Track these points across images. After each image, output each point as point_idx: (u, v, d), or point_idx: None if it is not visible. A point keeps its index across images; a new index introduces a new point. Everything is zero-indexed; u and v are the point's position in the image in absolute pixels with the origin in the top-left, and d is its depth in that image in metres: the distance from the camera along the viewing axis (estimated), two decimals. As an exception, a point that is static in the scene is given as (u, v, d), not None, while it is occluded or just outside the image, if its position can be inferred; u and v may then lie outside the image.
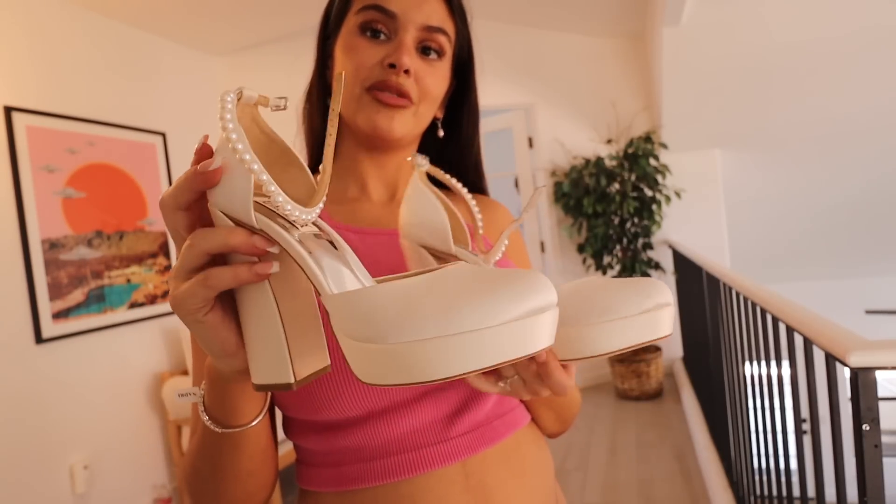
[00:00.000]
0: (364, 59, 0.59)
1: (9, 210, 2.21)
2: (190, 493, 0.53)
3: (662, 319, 0.43)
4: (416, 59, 0.60)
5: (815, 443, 1.26)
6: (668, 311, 0.43)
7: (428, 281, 0.33)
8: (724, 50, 2.90)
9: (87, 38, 2.63)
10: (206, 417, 0.46)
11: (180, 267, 0.35)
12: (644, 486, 2.52)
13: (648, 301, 0.43)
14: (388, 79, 0.58)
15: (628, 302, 0.43)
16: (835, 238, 4.45)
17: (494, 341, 0.30)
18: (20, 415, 2.18)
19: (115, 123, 2.68)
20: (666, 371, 3.88)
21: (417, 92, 0.61)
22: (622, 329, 0.42)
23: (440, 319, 0.29)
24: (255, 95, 0.37)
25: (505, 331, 0.30)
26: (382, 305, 0.31)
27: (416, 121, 0.62)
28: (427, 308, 0.30)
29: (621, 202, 3.53)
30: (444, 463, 0.54)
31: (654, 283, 0.44)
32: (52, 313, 2.30)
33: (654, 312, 0.42)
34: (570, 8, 3.47)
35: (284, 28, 3.37)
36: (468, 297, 0.31)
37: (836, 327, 1.07)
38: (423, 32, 0.60)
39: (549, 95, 3.91)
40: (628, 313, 0.42)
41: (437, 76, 0.62)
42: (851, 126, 3.47)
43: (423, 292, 0.32)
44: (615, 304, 0.43)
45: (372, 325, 0.31)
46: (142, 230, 2.76)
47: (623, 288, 0.44)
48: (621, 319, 0.42)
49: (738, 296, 1.85)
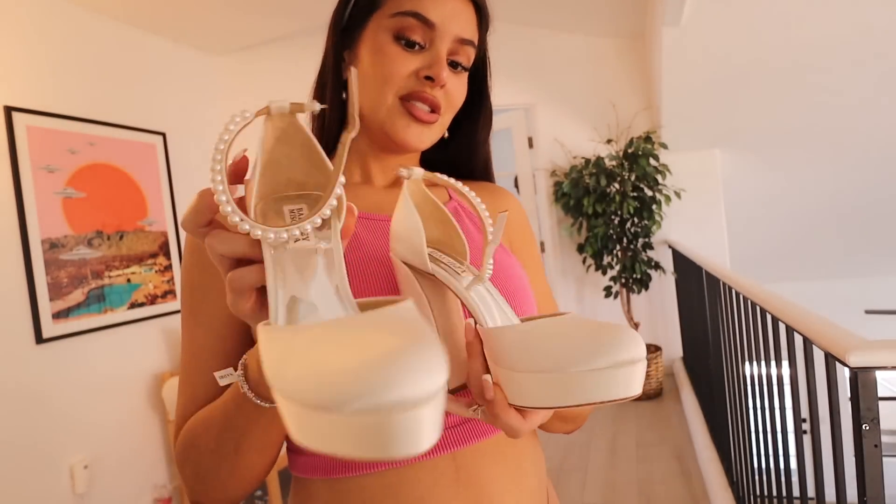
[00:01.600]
0: (399, 69, 0.59)
1: (9, 210, 2.21)
2: (194, 470, 0.53)
3: (619, 378, 0.37)
4: (448, 71, 0.61)
5: (815, 443, 1.26)
6: (630, 369, 0.37)
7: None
8: (724, 50, 2.90)
9: (87, 38, 2.63)
10: (251, 394, 0.46)
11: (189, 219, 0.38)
12: (644, 486, 2.52)
13: (603, 358, 0.37)
14: (424, 91, 0.59)
15: (577, 355, 0.37)
16: (835, 238, 4.45)
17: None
18: (20, 415, 2.18)
19: (115, 123, 2.68)
20: (666, 371, 3.89)
21: (446, 104, 0.62)
22: (562, 385, 0.37)
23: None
24: (288, 105, 0.38)
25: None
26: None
27: (438, 131, 0.64)
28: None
29: (621, 202, 3.53)
30: (433, 454, 0.54)
31: (621, 336, 0.38)
32: (52, 313, 2.30)
33: (610, 371, 0.36)
34: (571, 8, 3.47)
35: (284, 28, 3.37)
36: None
37: (836, 327, 1.07)
38: (456, 44, 0.61)
39: (549, 95, 3.91)
40: (575, 369, 0.37)
41: (462, 88, 0.64)
42: (851, 126, 3.47)
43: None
44: (563, 354, 0.37)
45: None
46: (142, 230, 2.76)
47: (581, 338, 0.38)
48: (560, 374, 0.37)
49: (737, 296, 1.85)
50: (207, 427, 0.52)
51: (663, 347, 3.84)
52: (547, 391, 0.37)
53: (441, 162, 0.73)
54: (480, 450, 0.56)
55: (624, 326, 0.39)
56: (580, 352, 0.37)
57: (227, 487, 0.53)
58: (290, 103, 0.38)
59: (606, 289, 3.73)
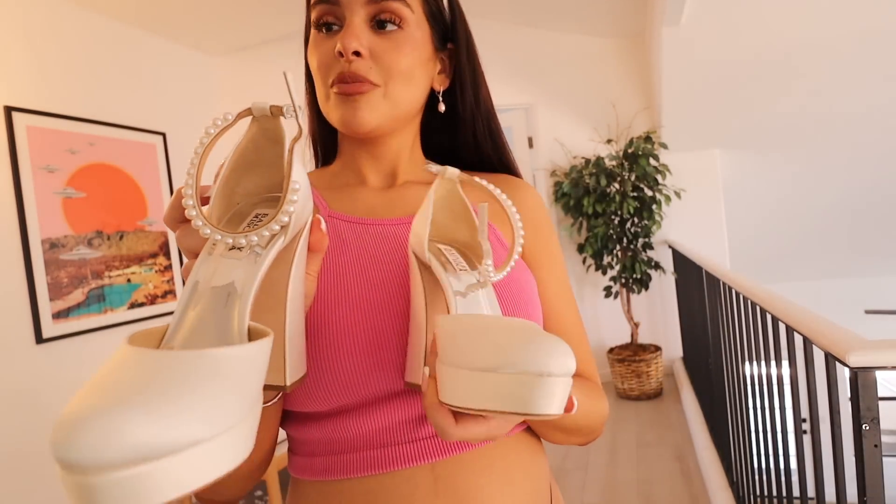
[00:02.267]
0: (322, 56, 0.57)
1: (9, 210, 2.21)
2: None
3: (536, 391, 0.33)
4: (368, 37, 0.56)
5: (815, 443, 1.26)
6: (552, 382, 0.33)
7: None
8: (724, 50, 2.90)
9: (87, 38, 2.63)
10: None
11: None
12: (644, 486, 2.52)
13: (531, 364, 0.33)
14: (343, 69, 0.55)
15: (505, 357, 0.34)
16: (835, 238, 4.45)
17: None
18: (20, 414, 2.18)
19: (115, 123, 2.68)
20: (666, 371, 3.89)
21: (379, 72, 0.56)
22: (483, 385, 0.34)
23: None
24: (267, 106, 0.38)
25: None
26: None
27: (389, 104, 0.57)
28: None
29: (621, 202, 3.53)
30: (411, 463, 0.53)
31: (555, 346, 0.35)
32: (52, 313, 2.30)
33: (532, 378, 0.33)
34: (571, 8, 3.47)
35: (284, 28, 3.37)
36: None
37: (836, 327, 1.07)
38: (371, 6, 0.56)
39: (549, 95, 3.91)
40: (501, 371, 0.34)
41: (400, 49, 0.57)
42: (852, 126, 3.47)
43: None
44: (490, 353, 0.35)
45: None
46: (142, 230, 2.76)
47: (516, 339, 0.36)
48: (483, 374, 0.34)
49: (737, 296, 1.85)
50: None
51: (663, 347, 3.84)
52: (469, 390, 0.35)
53: (448, 151, 0.70)
54: (462, 461, 0.54)
55: (560, 340, 0.36)
56: (516, 356, 0.34)
57: (220, 483, 0.53)
58: (270, 105, 0.38)
59: (606, 289, 3.73)
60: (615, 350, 3.72)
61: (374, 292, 0.54)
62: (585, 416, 0.60)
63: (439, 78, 0.64)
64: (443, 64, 0.65)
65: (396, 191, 0.64)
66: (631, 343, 3.75)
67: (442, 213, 0.51)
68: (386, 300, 0.54)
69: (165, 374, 0.27)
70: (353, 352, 0.51)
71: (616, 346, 3.81)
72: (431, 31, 0.61)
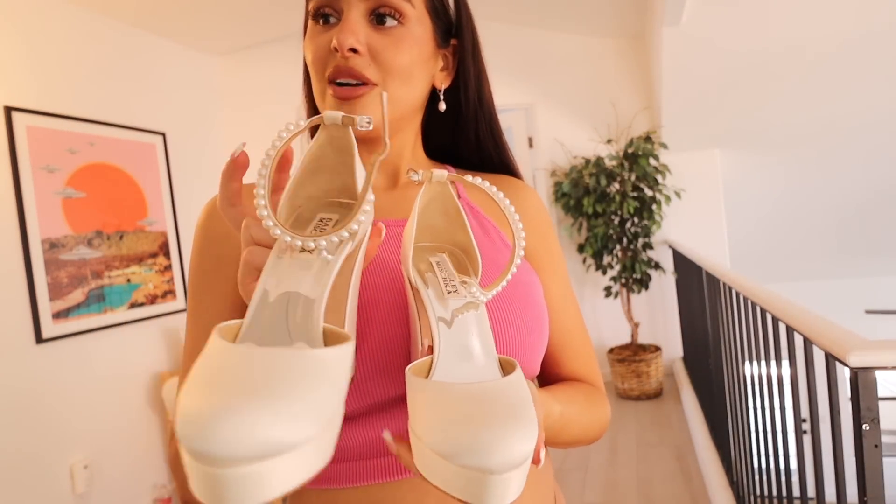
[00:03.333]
0: (317, 49, 0.55)
1: (9, 210, 2.21)
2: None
3: (485, 488, 0.32)
4: (367, 33, 0.53)
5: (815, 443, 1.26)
6: (496, 482, 0.32)
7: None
8: (724, 50, 2.90)
9: (87, 38, 2.63)
10: None
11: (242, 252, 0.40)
12: (644, 485, 2.52)
13: (470, 457, 0.32)
14: (339, 64, 0.53)
15: (465, 445, 0.32)
16: (835, 238, 4.45)
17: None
18: (20, 415, 2.18)
19: (115, 123, 2.68)
20: (666, 371, 3.89)
21: (377, 70, 0.54)
22: (447, 473, 0.33)
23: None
24: (340, 116, 0.40)
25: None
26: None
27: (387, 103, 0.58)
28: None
29: (621, 202, 3.53)
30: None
31: (501, 434, 0.33)
32: (52, 313, 2.30)
33: (476, 475, 0.32)
34: (571, 8, 3.47)
35: (284, 28, 3.37)
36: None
37: (836, 327, 1.07)
38: (371, 1, 0.53)
39: (549, 95, 3.91)
40: (445, 454, 0.32)
41: (399, 46, 0.54)
42: (851, 126, 3.47)
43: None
44: (454, 439, 0.33)
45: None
46: (142, 230, 2.76)
47: (478, 423, 0.34)
48: (447, 462, 0.33)
49: (737, 296, 1.85)
50: None
51: (663, 347, 3.84)
52: (430, 468, 0.34)
53: (449, 150, 0.69)
54: None
55: (525, 419, 0.34)
56: (471, 444, 0.32)
57: None
58: (342, 115, 0.40)
59: (606, 289, 3.73)
60: (615, 350, 3.72)
61: (382, 295, 0.53)
62: (584, 430, 0.59)
63: (441, 75, 0.62)
64: (445, 61, 0.62)
65: (399, 191, 0.63)
66: (631, 343, 3.75)
67: (435, 217, 0.50)
68: (393, 303, 0.53)
69: (283, 373, 0.29)
70: (361, 356, 0.50)
71: (616, 346, 3.81)
72: (433, 27, 0.59)
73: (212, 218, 0.58)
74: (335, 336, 0.35)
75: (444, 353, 0.42)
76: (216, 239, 0.57)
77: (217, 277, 0.56)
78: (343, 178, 0.42)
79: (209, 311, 0.56)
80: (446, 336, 0.42)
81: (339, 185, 0.42)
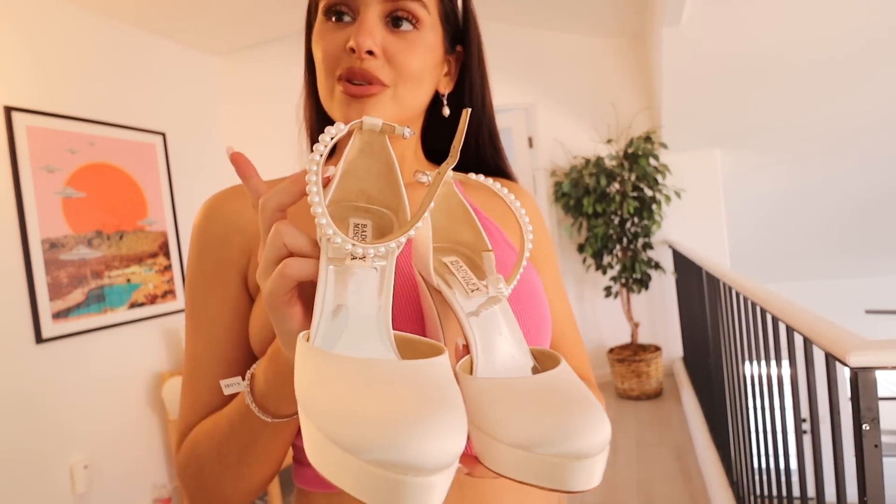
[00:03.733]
0: (330, 46, 0.55)
1: (9, 210, 2.21)
2: (196, 479, 0.53)
3: (582, 471, 0.33)
4: (383, 35, 0.54)
5: (815, 443, 1.26)
6: (593, 462, 0.33)
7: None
8: (724, 50, 2.90)
9: (86, 38, 2.63)
10: (255, 407, 0.47)
11: (265, 259, 0.38)
12: (644, 486, 2.52)
13: (569, 445, 0.33)
14: (353, 65, 0.53)
15: (546, 435, 0.33)
16: (835, 238, 4.45)
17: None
18: (20, 415, 2.18)
19: (115, 123, 2.68)
20: (666, 371, 3.89)
21: (391, 72, 0.54)
22: (527, 463, 0.34)
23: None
24: (380, 123, 0.40)
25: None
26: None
27: (396, 105, 0.56)
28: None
29: (621, 202, 3.53)
30: None
31: (592, 420, 0.34)
32: (52, 313, 2.30)
33: (573, 462, 0.33)
34: (571, 8, 3.47)
35: (284, 28, 3.37)
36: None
37: (836, 327, 1.07)
38: (388, 3, 0.54)
39: (549, 95, 3.91)
40: (541, 451, 0.33)
41: (414, 50, 0.55)
42: (852, 126, 3.47)
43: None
44: (531, 430, 0.34)
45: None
46: (142, 230, 2.76)
47: (554, 413, 0.35)
48: (526, 453, 0.33)
49: (738, 296, 1.85)
50: (210, 436, 0.52)
51: (663, 347, 3.84)
52: (504, 462, 0.35)
53: (444, 153, 0.70)
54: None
55: (595, 407, 0.36)
56: (550, 433, 0.33)
57: (228, 498, 0.53)
58: (382, 122, 0.40)
59: (606, 289, 3.73)
60: (615, 350, 3.73)
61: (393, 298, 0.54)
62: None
63: (445, 80, 0.63)
64: (449, 66, 0.63)
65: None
66: (631, 343, 3.75)
67: (440, 217, 0.50)
68: (403, 306, 0.53)
69: (444, 385, 0.31)
70: None
71: (616, 346, 3.81)
72: (443, 34, 0.59)
73: (210, 220, 0.57)
74: (402, 341, 0.38)
75: (481, 349, 0.43)
76: (215, 241, 0.57)
77: (218, 281, 0.56)
78: (369, 183, 0.42)
79: (211, 315, 0.56)
80: (480, 333, 0.43)
81: (364, 189, 0.43)
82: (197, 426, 0.54)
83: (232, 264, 0.56)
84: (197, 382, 0.56)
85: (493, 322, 0.44)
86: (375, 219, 0.43)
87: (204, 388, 0.55)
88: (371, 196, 0.43)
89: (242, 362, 0.56)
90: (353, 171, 0.42)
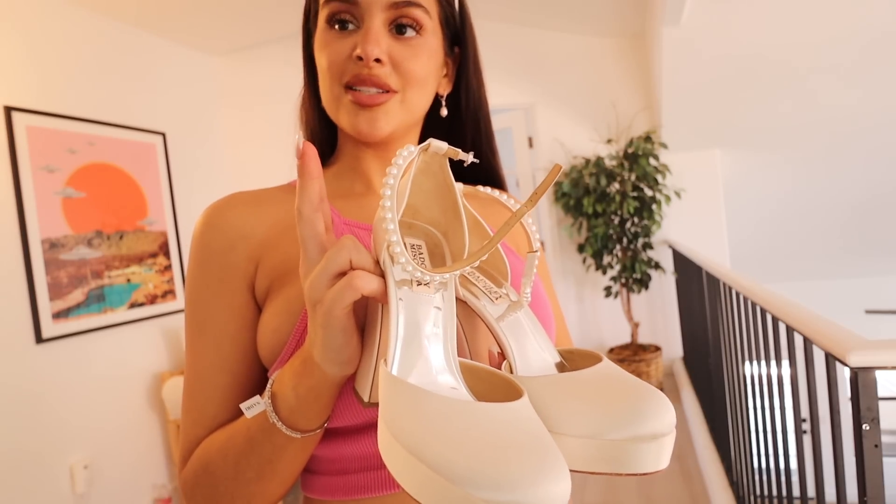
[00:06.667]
0: (335, 55, 0.55)
1: (9, 210, 2.21)
2: (208, 497, 0.52)
3: (653, 451, 0.34)
4: (388, 42, 0.54)
5: (815, 443, 1.26)
6: (663, 442, 0.34)
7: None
8: (724, 50, 2.90)
9: (86, 38, 2.63)
10: (281, 425, 0.46)
11: (324, 270, 0.37)
12: (644, 485, 2.52)
13: (642, 427, 0.34)
14: (360, 72, 0.54)
15: (615, 422, 0.34)
16: (835, 238, 4.45)
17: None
18: (20, 415, 2.18)
19: (115, 123, 2.68)
20: (666, 371, 3.88)
21: (398, 79, 0.55)
22: (597, 451, 0.34)
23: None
24: (445, 147, 0.41)
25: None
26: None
27: (404, 110, 0.57)
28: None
29: (621, 202, 3.53)
30: None
31: (658, 403, 0.35)
32: (52, 313, 2.30)
33: (646, 443, 0.33)
34: (571, 8, 3.47)
35: (284, 28, 3.37)
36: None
37: (836, 327, 1.07)
38: (392, 11, 0.54)
39: (549, 95, 3.91)
40: (612, 436, 0.34)
41: (419, 56, 0.56)
42: (852, 126, 3.47)
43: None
44: (600, 419, 0.35)
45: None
46: (142, 230, 2.76)
47: (619, 400, 0.36)
48: (596, 440, 0.34)
49: (738, 296, 1.85)
50: (225, 453, 0.50)
51: (663, 347, 3.84)
52: (580, 455, 0.35)
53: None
54: None
55: (656, 391, 0.37)
56: (618, 418, 0.34)
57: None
58: (447, 146, 0.41)
59: (606, 289, 3.73)
60: (615, 350, 3.72)
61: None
62: None
63: (443, 82, 0.64)
64: (447, 68, 0.64)
65: None
66: (631, 343, 3.75)
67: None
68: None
69: (544, 433, 0.31)
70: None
71: (616, 346, 3.81)
72: (444, 37, 0.60)
73: (212, 227, 0.56)
74: (466, 368, 0.39)
75: (517, 353, 0.44)
76: (219, 249, 0.55)
77: (224, 289, 0.55)
78: (418, 199, 0.44)
79: (217, 325, 0.54)
80: (513, 338, 0.44)
81: (411, 204, 0.44)
82: (205, 441, 0.53)
83: (238, 272, 0.55)
84: (201, 395, 0.54)
85: (519, 326, 0.45)
86: (423, 236, 0.44)
87: (210, 401, 0.54)
88: (417, 211, 0.44)
89: (248, 373, 0.55)
90: (403, 188, 0.42)
